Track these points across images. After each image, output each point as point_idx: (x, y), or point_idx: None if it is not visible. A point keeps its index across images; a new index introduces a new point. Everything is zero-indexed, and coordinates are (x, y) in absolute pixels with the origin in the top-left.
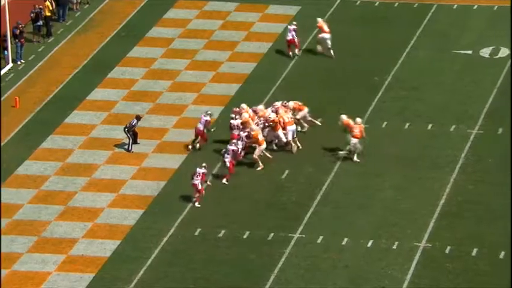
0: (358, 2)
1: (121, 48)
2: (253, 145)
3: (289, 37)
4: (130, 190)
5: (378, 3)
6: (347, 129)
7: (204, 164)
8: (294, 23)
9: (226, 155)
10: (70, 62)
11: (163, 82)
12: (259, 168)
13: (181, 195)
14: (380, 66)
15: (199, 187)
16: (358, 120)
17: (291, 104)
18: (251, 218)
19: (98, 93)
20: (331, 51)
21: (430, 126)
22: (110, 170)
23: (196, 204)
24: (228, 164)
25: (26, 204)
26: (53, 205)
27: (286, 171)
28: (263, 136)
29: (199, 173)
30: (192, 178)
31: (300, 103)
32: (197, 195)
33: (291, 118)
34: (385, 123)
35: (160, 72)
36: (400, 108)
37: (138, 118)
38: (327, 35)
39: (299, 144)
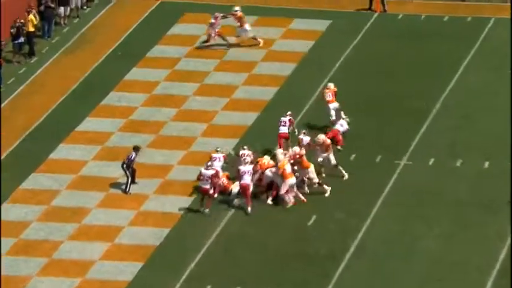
0: (401, 15)
1: (117, 70)
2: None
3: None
4: (128, 239)
5: (423, 16)
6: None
7: (209, 163)
8: (218, 14)
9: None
10: (57, 86)
11: (167, 110)
12: (288, 206)
13: (188, 244)
14: (426, 90)
15: (211, 191)
16: None
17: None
18: (271, 272)
19: (90, 123)
20: (257, 39)
21: (486, 164)
22: (103, 215)
23: (206, 210)
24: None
25: (3, 256)
26: (34, 257)
27: (313, 217)
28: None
29: (207, 177)
30: (199, 179)
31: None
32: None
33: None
34: (432, 159)
35: (164, 98)
36: (450, 141)
37: (137, 149)
38: (247, 27)
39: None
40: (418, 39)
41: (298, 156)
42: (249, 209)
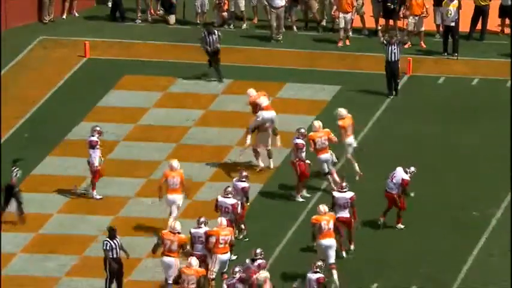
0: (442, 78)
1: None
2: None
3: None
4: None
5: (477, 80)
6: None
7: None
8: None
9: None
10: None
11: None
12: None
13: None
14: (481, 195)
15: None
16: None
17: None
18: None
19: None
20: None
21: None
22: None
23: None
24: None
25: None
26: None
27: None
28: None
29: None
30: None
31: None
32: None
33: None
34: None
35: (92, 205)
36: None
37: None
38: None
39: None
40: (469, 115)
41: None
42: None
